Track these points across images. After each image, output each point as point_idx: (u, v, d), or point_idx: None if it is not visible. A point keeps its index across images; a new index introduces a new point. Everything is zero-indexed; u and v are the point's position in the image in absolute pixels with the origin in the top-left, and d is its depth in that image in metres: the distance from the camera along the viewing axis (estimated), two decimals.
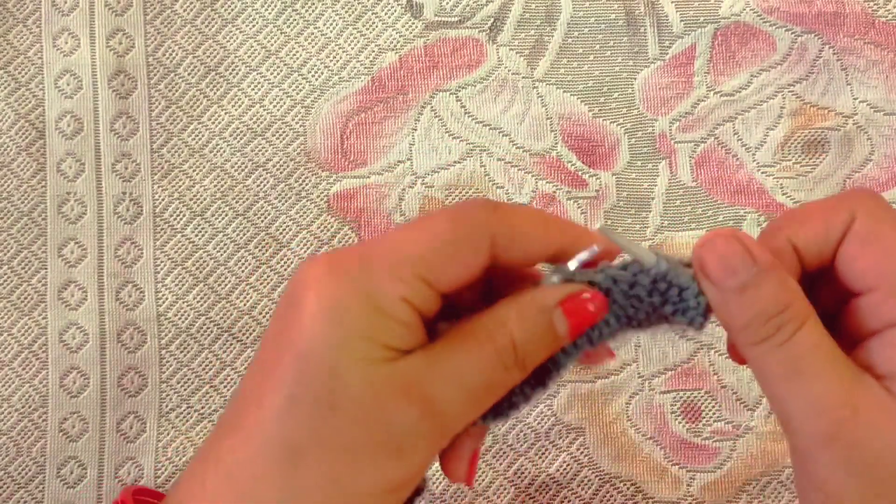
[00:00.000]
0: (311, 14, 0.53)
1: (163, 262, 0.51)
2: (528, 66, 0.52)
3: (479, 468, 0.49)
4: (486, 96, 0.51)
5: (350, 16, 0.52)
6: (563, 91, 0.51)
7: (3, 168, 0.51)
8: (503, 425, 0.49)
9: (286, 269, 0.51)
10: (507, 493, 0.49)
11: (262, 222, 0.51)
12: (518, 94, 0.51)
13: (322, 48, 0.52)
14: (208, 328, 0.50)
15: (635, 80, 0.51)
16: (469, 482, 0.33)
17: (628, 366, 0.49)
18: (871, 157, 0.50)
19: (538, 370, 0.31)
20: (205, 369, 0.50)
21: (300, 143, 0.52)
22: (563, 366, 0.31)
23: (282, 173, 0.51)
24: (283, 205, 0.51)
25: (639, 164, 0.51)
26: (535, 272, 0.33)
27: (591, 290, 0.30)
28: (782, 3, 0.51)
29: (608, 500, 0.49)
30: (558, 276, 0.31)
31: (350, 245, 0.30)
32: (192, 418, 0.50)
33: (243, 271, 0.51)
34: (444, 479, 0.49)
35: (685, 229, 0.50)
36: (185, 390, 0.50)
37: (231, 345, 0.50)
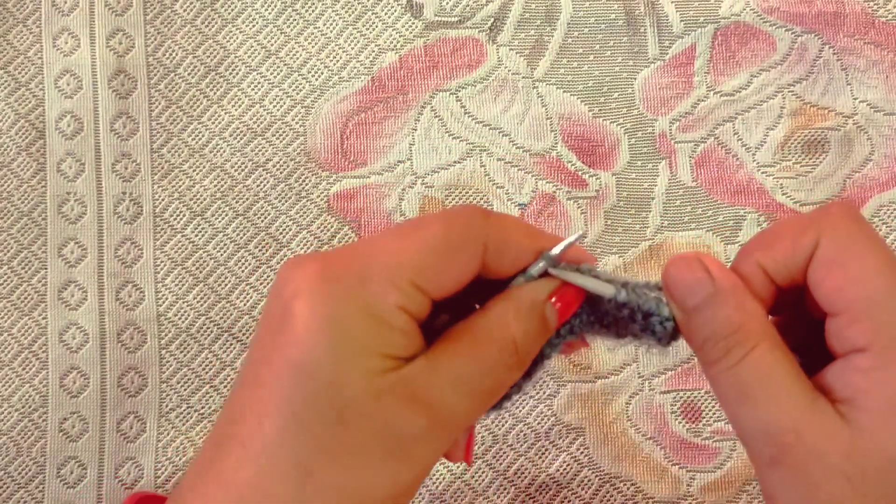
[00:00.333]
0: (311, 14, 0.53)
1: (163, 262, 0.51)
2: (528, 66, 0.52)
3: (479, 468, 0.49)
4: (486, 96, 0.51)
5: (350, 16, 0.52)
6: (563, 91, 0.51)
7: (3, 168, 0.51)
8: (503, 425, 0.49)
9: None
10: (507, 493, 0.49)
11: (262, 222, 0.51)
12: (518, 94, 0.51)
13: (322, 48, 0.52)
14: (208, 328, 0.50)
15: (635, 80, 0.51)
16: (468, 460, 0.33)
17: (628, 366, 0.49)
18: (871, 157, 0.50)
19: None
20: (205, 369, 0.50)
21: (300, 143, 0.52)
22: (550, 355, 0.32)
23: (282, 173, 0.51)
24: (283, 205, 0.51)
25: (639, 164, 0.51)
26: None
27: (568, 285, 0.32)
28: (782, 3, 0.51)
29: (608, 500, 0.49)
30: (544, 262, 0.31)
31: (339, 248, 0.30)
32: (192, 418, 0.50)
33: (243, 271, 0.51)
34: (444, 478, 0.49)
35: (685, 229, 0.50)
36: (185, 390, 0.50)
37: (231, 345, 0.50)
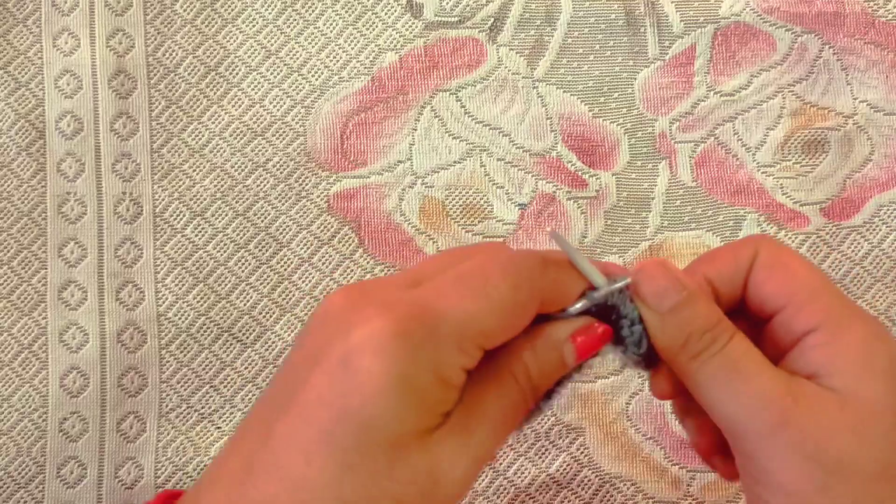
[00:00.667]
0: (311, 14, 0.53)
1: (163, 262, 0.51)
2: (528, 66, 0.52)
3: None
4: (486, 96, 0.51)
5: (350, 16, 0.52)
6: (563, 91, 0.51)
7: (3, 168, 0.51)
8: None
9: (286, 269, 0.51)
10: (507, 493, 0.49)
11: (262, 222, 0.51)
12: (518, 94, 0.52)
13: (322, 48, 0.52)
14: (208, 328, 0.50)
15: (635, 80, 0.51)
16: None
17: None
18: (871, 157, 0.50)
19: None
20: (205, 369, 0.50)
21: (300, 143, 0.52)
22: (568, 380, 0.34)
23: (282, 173, 0.51)
24: (283, 205, 0.51)
25: (639, 164, 0.51)
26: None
27: (595, 322, 0.33)
28: (782, 3, 0.51)
29: (608, 500, 0.49)
30: (584, 302, 0.33)
31: (401, 294, 0.30)
32: (192, 418, 0.50)
33: (243, 271, 0.51)
34: None
35: (685, 229, 0.50)
36: (185, 390, 0.50)
37: (231, 345, 0.50)
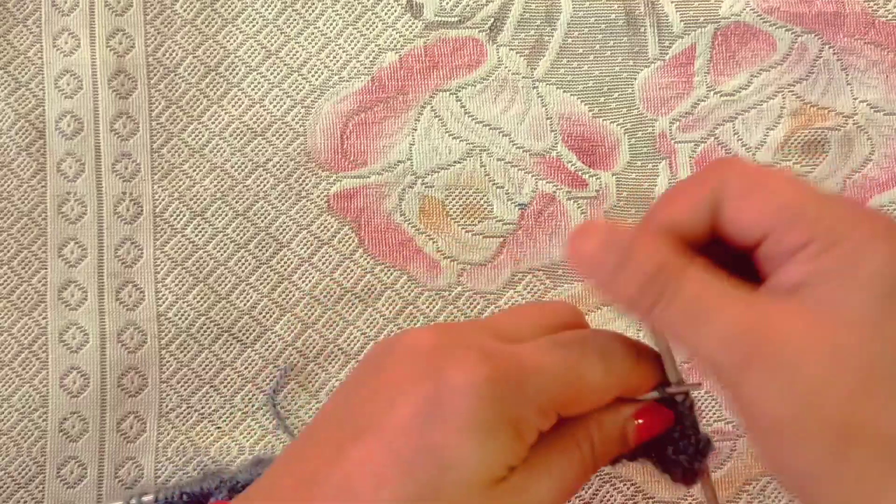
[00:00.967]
0: (311, 14, 0.53)
1: (163, 262, 0.51)
2: (528, 66, 0.52)
3: None
4: (486, 96, 0.51)
5: (350, 16, 0.52)
6: (563, 91, 0.51)
7: (3, 168, 0.51)
8: None
9: (286, 269, 0.51)
10: None
11: (262, 222, 0.51)
12: (518, 94, 0.51)
13: (322, 48, 0.52)
14: (208, 328, 0.50)
15: (635, 80, 0.51)
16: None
17: None
18: (871, 157, 0.50)
19: None
20: (205, 369, 0.50)
21: (300, 143, 0.52)
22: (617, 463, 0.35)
23: (282, 173, 0.51)
24: (283, 205, 0.51)
25: (639, 164, 0.51)
26: None
27: (660, 409, 0.33)
28: (782, 3, 0.51)
29: (608, 500, 0.49)
30: (655, 393, 0.34)
31: (484, 342, 0.31)
32: (192, 418, 0.50)
33: (243, 271, 0.51)
34: None
35: None
36: (185, 390, 0.50)
37: (231, 345, 0.50)
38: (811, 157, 0.50)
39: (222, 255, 0.51)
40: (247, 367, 0.50)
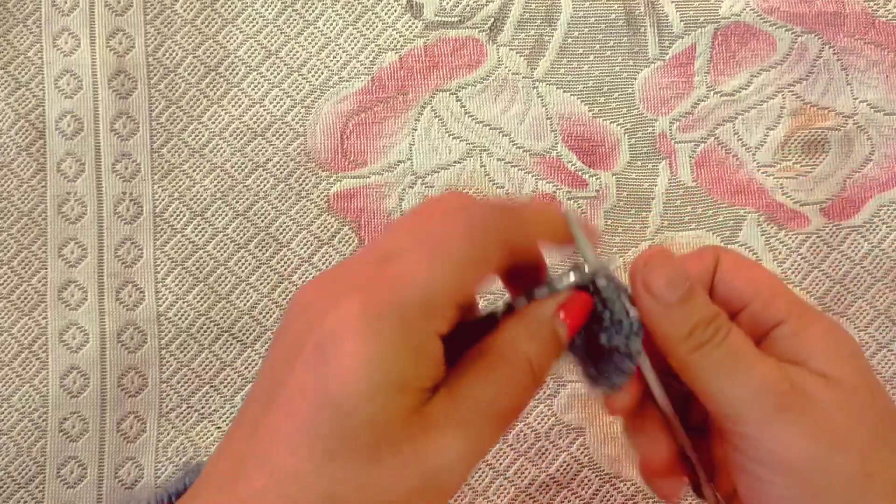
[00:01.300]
0: (311, 14, 0.53)
1: (163, 262, 0.51)
2: (528, 66, 0.52)
3: (480, 468, 0.49)
4: (486, 96, 0.51)
5: (350, 16, 0.52)
6: (563, 91, 0.51)
7: (3, 168, 0.51)
8: None
9: (286, 269, 0.51)
10: (507, 493, 0.49)
11: (262, 222, 0.51)
12: (518, 94, 0.52)
13: (322, 48, 0.52)
14: (208, 328, 0.50)
15: (635, 80, 0.51)
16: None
17: None
18: (871, 157, 0.50)
19: None
20: (205, 369, 0.50)
21: (300, 143, 0.52)
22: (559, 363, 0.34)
23: (282, 173, 0.51)
24: (283, 205, 0.51)
25: (639, 164, 0.51)
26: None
27: (578, 294, 0.33)
28: (782, 3, 0.51)
29: (608, 500, 0.49)
30: (574, 278, 0.33)
31: (366, 271, 0.29)
32: (192, 418, 0.50)
33: (243, 271, 0.51)
34: None
35: (685, 229, 0.50)
36: (185, 390, 0.50)
37: (231, 345, 0.50)
38: (811, 157, 0.50)
39: (222, 255, 0.51)
40: (247, 367, 0.50)
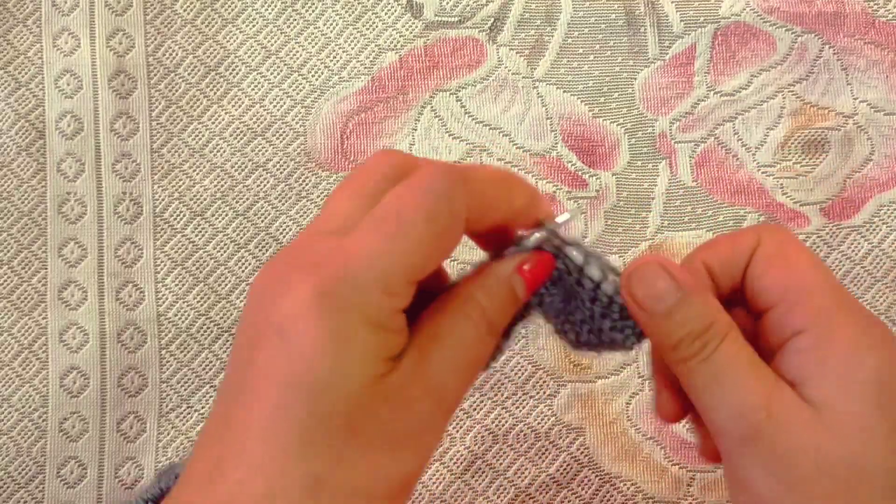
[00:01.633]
0: (311, 14, 0.53)
1: (163, 262, 0.51)
2: (528, 66, 0.52)
3: (479, 468, 0.49)
4: (486, 96, 0.51)
5: (350, 16, 0.52)
6: (563, 91, 0.51)
7: (3, 168, 0.51)
8: (503, 425, 0.49)
9: None
10: (508, 493, 0.49)
11: (262, 222, 0.51)
12: (518, 94, 0.52)
13: (322, 48, 0.52)
14: (208, 328, 0.50)
15: (635, 80, 0.51)
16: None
17: (628, 366, 0.49)
18: (872, 157, 0.50)
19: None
20: (205, 369, 0.50)
21: (300, 143, 0.52)
22: (524, 318, 0.34)
23: (282, 173, 0.51)
24: (283, 205, 0.51)
25: (639, 164, 0.51)
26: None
27: (540, 253, 0.32)
28: (782, 3, 0.51)
29: (608, 500, 0.49)
30: (540, 235, 0.32)
31: (319, 249, 0.30)
32: (192, 418, 0.50)
33: (243, 271, 0.51)
34: (444, 478, 0.49)
35: (685, 229, 0.50)
36: (185, 390, 0.50)
37: (231, 345, 0.50)
38: (811, 157, 0.50)
39: (222, 255, 0.51)
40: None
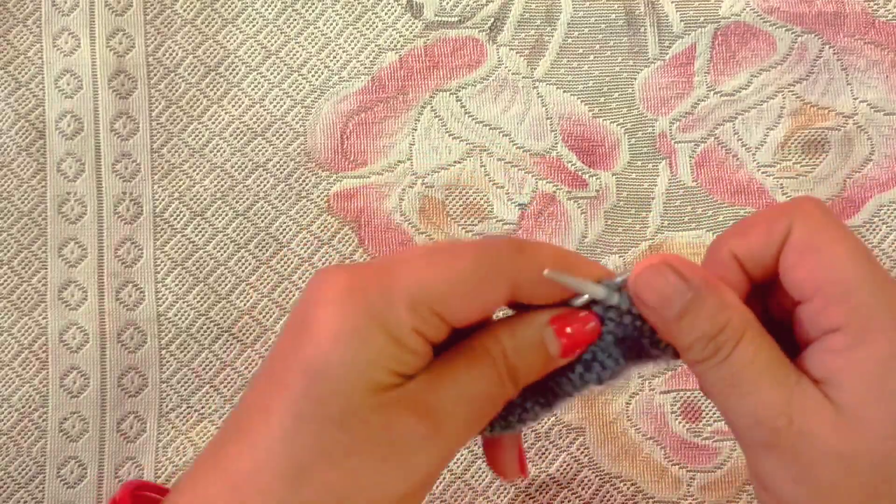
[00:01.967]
0: (311, 14, 0.53)
1: (163, 262, 0.51)
2: (528, 66, 0.52)
3: (479, 468, 0.49)
4: (486, 96, 0.51)
5: (350, 16, 0.52)
6: (563, 91, 0.51)
7: (3, 168, 0.51)
8: None
9: (286, 269, 0.51)
10: (507, 493, 0.49)
11: (262, 222, 0.51)
12: (518, 94, 0.52)
13: (322, 48, 0.52)
14: (208, 328, 0.50)
15: (635, 80, 0.51)
16: (524, 473, 0.34)
17: None
18: (871, 157, 0.50)
19: (546, 391, 0.32)
20: (205, 369, 0.50)
21: (300, 143, 0.52)
22: (567, 392, 0.32)
23: (282, 173, 0.51)
24: (283, 205, 0.51)
25: (639, 164, 0.51)
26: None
27: (584, 311, 0.31)
28: (782, 3, 0.51)
29: (608, 500, 0.49)
30: (587, 296, 0.31)
31: (371, 261, 0.31)
32: (192, 418, 0.50)
33: (243, 271, 0.51)
34: (444, 478, 0.49)
35: (685, 229, 0.50)
36: (185, 390, 0.50)
37: (231, 345, 0.50)
38: (811, 157, 0.50)
39: (222, 255, 0.51)
40: (247, 367, 0.50)
